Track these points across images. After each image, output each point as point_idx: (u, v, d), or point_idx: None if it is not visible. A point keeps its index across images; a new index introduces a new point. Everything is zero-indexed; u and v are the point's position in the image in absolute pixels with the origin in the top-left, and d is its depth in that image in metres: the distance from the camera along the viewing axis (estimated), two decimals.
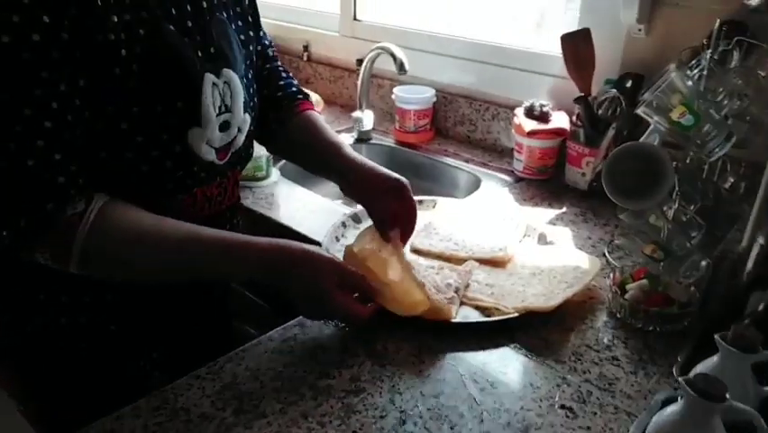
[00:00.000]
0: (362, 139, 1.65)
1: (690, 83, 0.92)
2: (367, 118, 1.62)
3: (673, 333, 0.87)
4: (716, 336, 0.65)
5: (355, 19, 1.83)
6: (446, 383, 0.77)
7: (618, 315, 0.91)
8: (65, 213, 0.71)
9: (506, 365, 0.81)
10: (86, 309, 0.84)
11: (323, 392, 0.75)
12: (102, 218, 0.72)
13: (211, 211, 0.87)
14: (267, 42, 1.02)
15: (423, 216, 1.04)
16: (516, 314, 0.88)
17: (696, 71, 0.93)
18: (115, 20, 0.70)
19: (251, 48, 0.91)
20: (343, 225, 1.08)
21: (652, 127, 0.98)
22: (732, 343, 0.63)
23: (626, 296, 0.90)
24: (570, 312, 0.92)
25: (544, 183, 1.38)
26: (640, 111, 0.94)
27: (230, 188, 0.90)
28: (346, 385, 0.76)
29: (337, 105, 1.89)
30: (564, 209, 1.26)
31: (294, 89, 1.04)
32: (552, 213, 1.24)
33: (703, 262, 0.96)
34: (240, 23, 0.89)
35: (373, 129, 1.68)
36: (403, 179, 0.95)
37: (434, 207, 1.16)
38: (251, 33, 0.91)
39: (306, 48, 1.96)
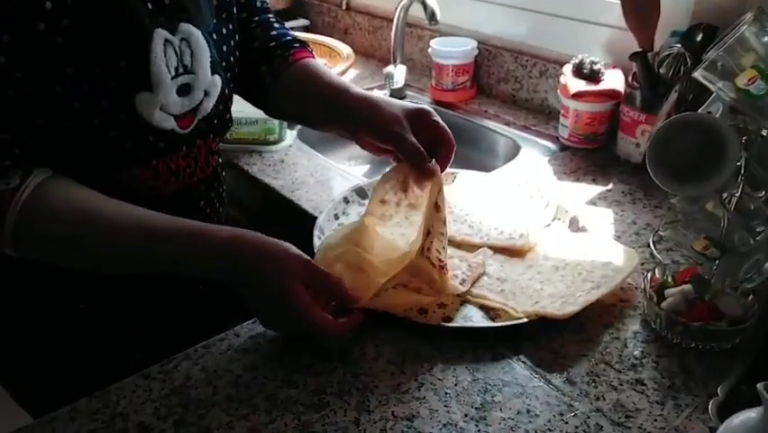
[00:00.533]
0: (395, 97, 1.49)
1: (766, 39, 0.72)
2: (399, 74, 1.47)
3: (721, 353, 0.71)
4: (759, 387, 0.49)
5: None
6: (425, 403, 0.65)
7: (653, 325, 0.75)
8: None
9: (502, 384, 0.68)
10: (48, 287, 0.77)
11: (279, 405, 0.65)
12: (38, 195, 0.64)
13: (179, 185, 0.78)
14: None
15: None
16: (525, 319, 0.74)
17: None
18: None
19: None
20: (345, 200, 0.96)
21: (714, 95, 0.79)
22: None
23: (663, 304, 0.74)
24: (593, 317, 0.77)
25: (592, 153, 1.19)
26: (698, 74, 0.75)
27: (202, 159, 0.80)
28: (308, 398, 0.66)
29: (375, 59, 1.74)
30: (610, 186, 1.08)
31: (289, 38, 0.92)
32: (595, 190, 1.07)
33: None
34: None
35: (408, 86, 1.53)
36: (425, 106, 0.82)
37: (453, 180, 1.01)
38: None
39: None
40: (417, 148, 0.78)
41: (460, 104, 1.45)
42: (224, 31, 0.78)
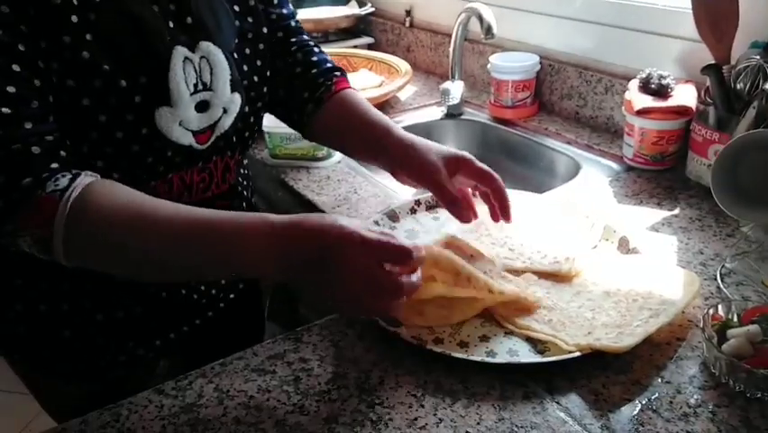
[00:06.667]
0: (452, 114, 1.46)
1: None
2: (456, 89, 1.42)
3: None
4: None
5: None
6: None
7: (713, 370, 0.66)
8: (44, 189, 0.60)
9: (530, 426, 0.61)
10: (66, 297, 0.77)
11: (288, 432, 0.62)
12: (88, 197, 0.61)
13: (191, 199, 0.76)
14: (286, 12, 0.87)
15: (479, 213, 0.85)
16: (578, 353, 0.67)
17: None
18: None
19: (249, 20, 0.78)
20: (376, 224, 0.91)
21: None
22: None
23: (724, 346, 0.65)
24: (644, 356, 0.69)
25: (659, 175, 1.10)
26: None
27: (218, 175, 0.79)
28: (318, 426, 0.62)
29: (436, 76, 1.71)
30: (677, 211, 0.98)
31: (329, 65, 0.90)
32: (659, 215, 0.98)
33: None
34: None
35: (467, 102, 1.49)
36: (465, 153, 0.82)
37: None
38: (252, 3, 0.78)
39: (408, 12, 1.79)
40: (455, 197, 0.79)
41: (519, 121, 1.39)
42: (248, 51, 0.78)
